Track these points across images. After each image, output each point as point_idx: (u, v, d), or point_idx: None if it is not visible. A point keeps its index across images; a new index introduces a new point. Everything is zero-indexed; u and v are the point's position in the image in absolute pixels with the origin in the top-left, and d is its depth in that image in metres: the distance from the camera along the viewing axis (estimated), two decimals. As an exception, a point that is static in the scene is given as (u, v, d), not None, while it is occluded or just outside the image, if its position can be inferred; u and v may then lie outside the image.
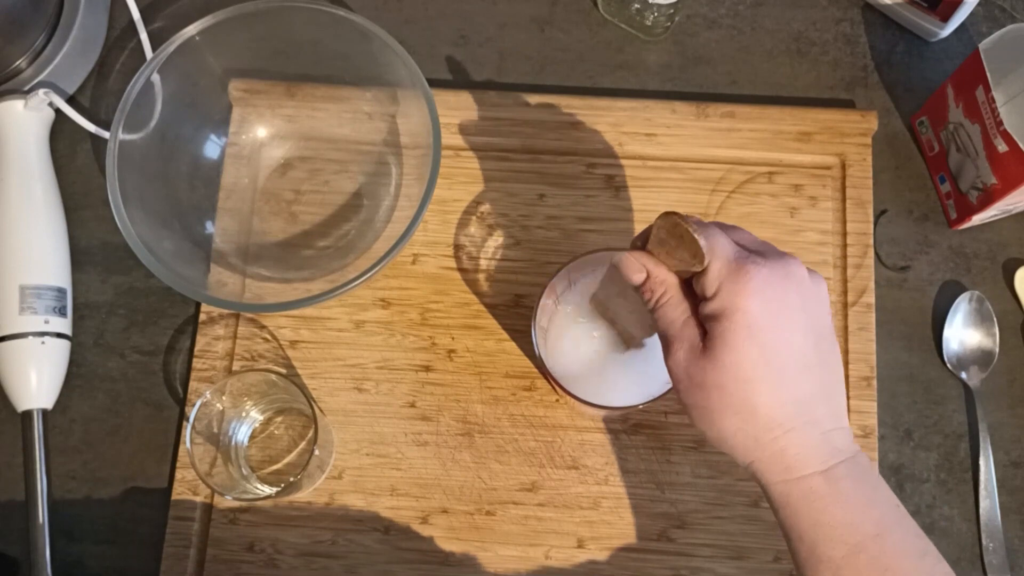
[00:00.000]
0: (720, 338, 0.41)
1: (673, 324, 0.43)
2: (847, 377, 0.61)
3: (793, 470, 0.42)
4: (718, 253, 0.41)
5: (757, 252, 0.42)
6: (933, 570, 0.42)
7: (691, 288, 0.43)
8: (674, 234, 0.41)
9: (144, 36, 0.68)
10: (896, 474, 0.61)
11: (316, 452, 0.54)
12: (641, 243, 0.45)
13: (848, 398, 0.60)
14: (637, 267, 0.44)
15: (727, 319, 0.40)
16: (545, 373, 0.52)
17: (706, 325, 0.42)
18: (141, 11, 0.68)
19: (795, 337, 0.41)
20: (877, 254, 0.64)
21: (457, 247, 0.64)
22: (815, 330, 0.42)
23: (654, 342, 0.52)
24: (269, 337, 0.62)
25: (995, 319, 0.63)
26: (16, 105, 0.64)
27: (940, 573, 0.42)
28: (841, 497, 0.41)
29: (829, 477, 0.41)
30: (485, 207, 0.65)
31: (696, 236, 0.40)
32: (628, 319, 0.52)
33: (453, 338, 0.62)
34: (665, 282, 0.43)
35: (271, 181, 0.66)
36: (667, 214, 0.41)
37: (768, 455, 0.42)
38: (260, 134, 0.67)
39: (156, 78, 0.60)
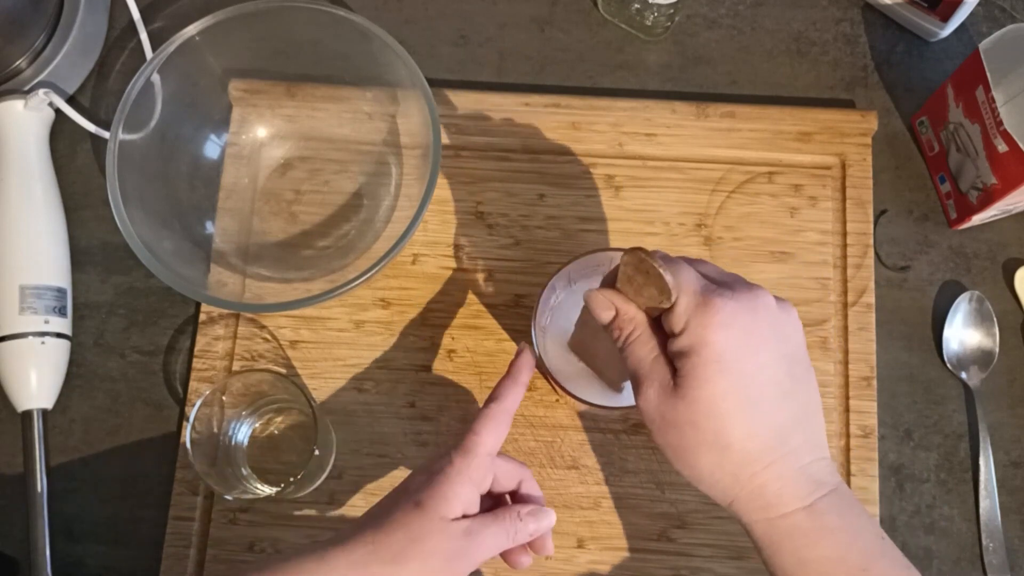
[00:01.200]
0: (690, 374, 0.40)
1: (642, 362, 0.43)
2: (847, 377, 0.61)
3: (774, 507, 0.41)
4: (685, 288, 0.41)
5: (724, 284, 0.42)
6: None
7: (660, 326, 0.43)
8: (640, 270, 0.41)
9: (144, 36, 0.68)
10: (896, 474, 0.61)
11: (316, 452, 0.54)
12: (610, 282, 0.44)
13: (848, 398, 0.60)
14: (606, 304, 0.44)
15: (695, 354, 0.40)
16: (545, 373, 0.52)
17: (675, 362, 0.41)
18: (141, 11, 0.68)
19: (766, 367, 0.41)
20: (877, 254, 0.64)
21: (457, 247, 0.64)
22: (788, 358, 0.42)
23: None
24: (269, 337, 0.62)
25: (995, 319, 0.63)
26: (16, 105, 0.64)
27: None
28: (825, 533, 0.41)
29: (812, 512, 0.41)
30: (485, 207, 0.65)
31: (662, 272, 0.40)
32: (604, 362, 0.51)
33: (453, 338, 0.62)
34: (634, 319, 0.43)
35: (271, 181, 0.66)
36: (632, 250, 0.41)
37: (747, 493, 0.41)
38: (260, 134, 0.67)
39: (156, 78, 0.60)
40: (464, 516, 0.45)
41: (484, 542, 0.45)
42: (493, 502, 0.48)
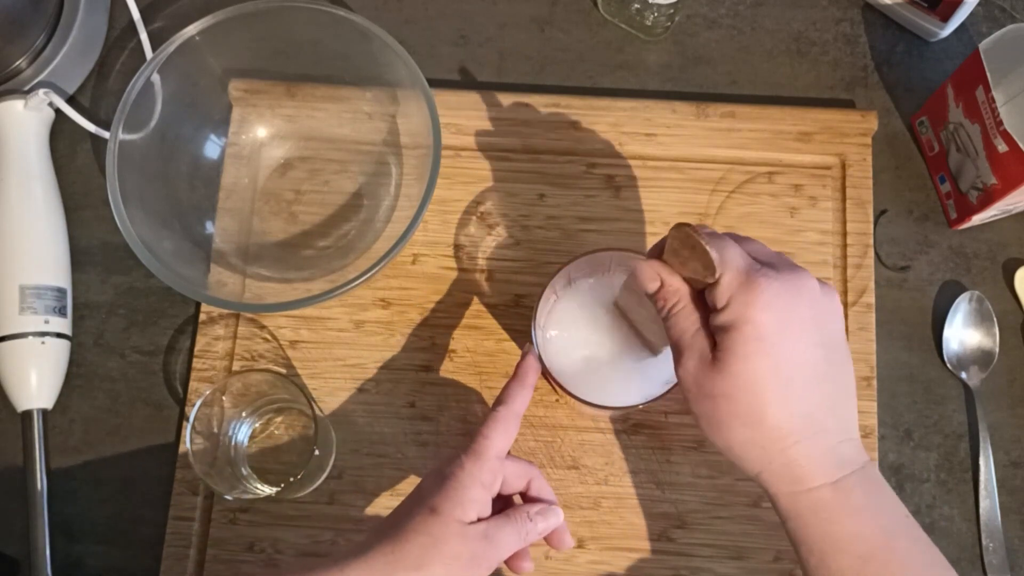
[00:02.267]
0: (730, 349, 0.41)
1: (684, 333, 0.43)
2: (847, 377, 0.61)
3: (802, 481, 0.42)
4: (730, 265, 0.41)
5: (769, 264, 0.42)
6: None
7: (703, 299, 0.44)
8: (687, 244, 0.42)
9: (144, 36, 0.68)
10: (896, 474, 0.61)
11: (316, 452, 0.54)
12: (657, 252, 0.45)
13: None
14: (652, 275, 0.44)
15: (737, 331, 0.41)
16: (545, 373, 0.52)
17: (716, 336, 0.42)
18: (141, 11, 0.68)
19: (804, 349, 0.42)
20: (877, 254, 0.64)
21: (457, 247, 0.64)
22: (825, 342, 0.42)
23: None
24: (269, 337, 0.62)
25: (995, 319, 0.63)
26: (16, 105, 0.64)
27: None
28: (850, 509, 0.42)
29: (838, 488, 0.42)
30: (485, 207, 0.65)
31: (708, 248, 0.40)
32: (648, 327, 0.52)
33: (453, 338, 0.62)
34: (678, 291, 0.44)
35: (271, 181, 0.66)
36: (679, 225, 0.42)
37: (776, 466, 0.42)
38: (260, 134, 0.67)
39: (156, 78, 0.60)
40: (479, 519, 0.45)
41: (501, 544, 0.45)
42: (503, 503, 0.49)
